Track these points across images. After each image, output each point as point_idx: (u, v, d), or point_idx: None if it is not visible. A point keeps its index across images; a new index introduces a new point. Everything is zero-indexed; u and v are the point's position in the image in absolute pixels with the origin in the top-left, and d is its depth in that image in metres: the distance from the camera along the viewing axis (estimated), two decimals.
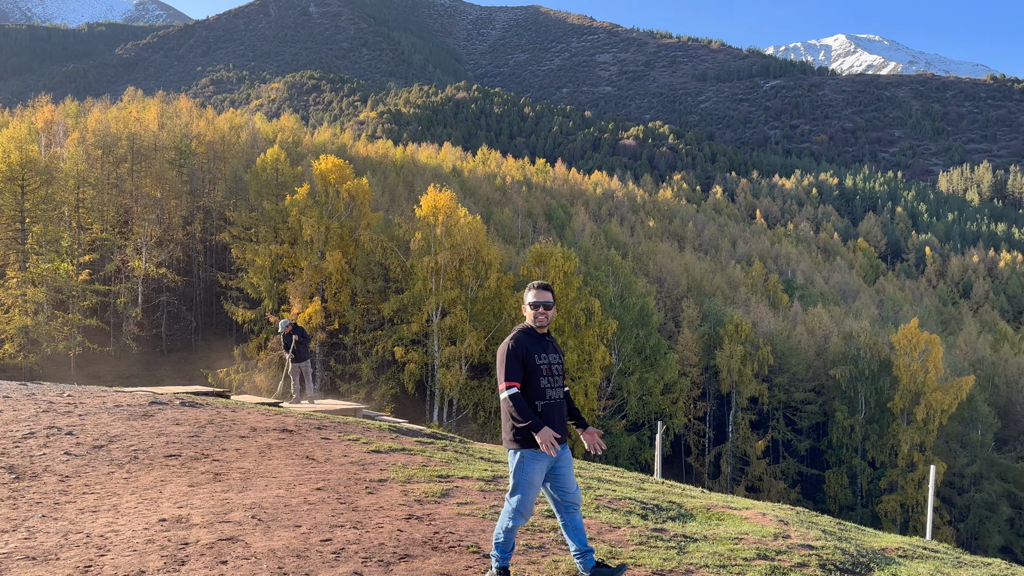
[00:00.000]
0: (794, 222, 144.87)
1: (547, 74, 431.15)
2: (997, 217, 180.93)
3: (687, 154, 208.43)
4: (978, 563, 7.13)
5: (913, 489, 47.75)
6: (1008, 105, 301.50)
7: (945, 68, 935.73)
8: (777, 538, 6.45)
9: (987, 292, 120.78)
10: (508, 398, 5.05)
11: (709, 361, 54.67)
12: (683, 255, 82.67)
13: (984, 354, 69.65)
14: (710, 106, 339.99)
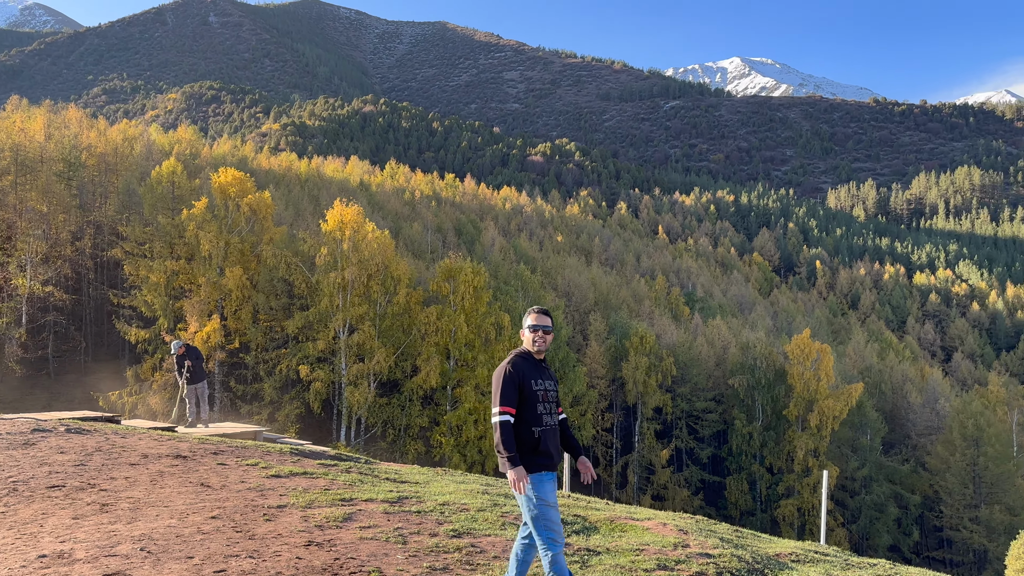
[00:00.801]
0: (694, 237, 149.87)
1: (455, 90, 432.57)
2: (881, 232, 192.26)
3: (593, 171, 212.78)
4: (864, 564, 7.48)
5: (809, 493, 49.86)
6: (890, 126, 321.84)
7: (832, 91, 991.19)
8: (677, 548, 6.59)
9: (873, 303, 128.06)
10: (498, 424, 4.98)
11: (616, 373, 55.68)
12: (590, 269, 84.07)
13: (871, 362, 73.62)
14: (614, 124, 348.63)
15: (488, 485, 10.61)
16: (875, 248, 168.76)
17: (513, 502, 8.77)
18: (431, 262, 61.30)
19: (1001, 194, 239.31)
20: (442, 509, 7.79)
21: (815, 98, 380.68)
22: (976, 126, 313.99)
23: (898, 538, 53.85)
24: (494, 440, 5.07)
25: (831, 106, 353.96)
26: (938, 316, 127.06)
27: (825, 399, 51.23)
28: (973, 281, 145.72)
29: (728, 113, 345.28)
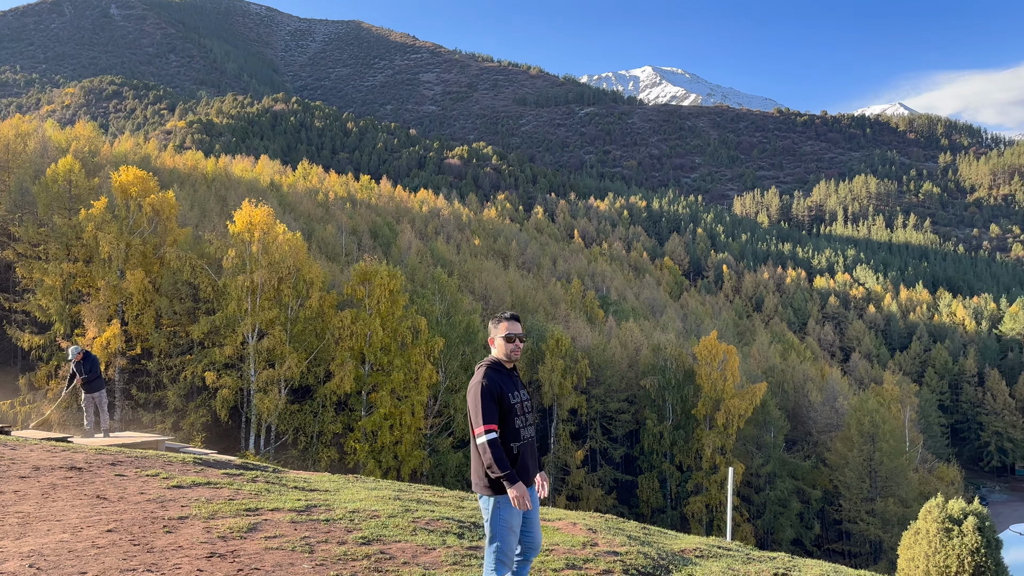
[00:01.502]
0: (608, 242, 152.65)
1: (370, 90, 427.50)
2: (784, 237, 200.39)
3: (510, 175, 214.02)
4: (765, 558, 7.78)
5: (716, 490, 51.46)
6: (792, 136, 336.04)
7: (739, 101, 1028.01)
8: (586, 546, 6.69)
9: (776, 306, 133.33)
10: (486, 444, 4.75)
11: (532, 375, 56.10)
12: (507, 273, 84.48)
13: (775, 362, 76.62)
14: (530, 129, 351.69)
15: (401, 491, 10.52)
16: (778, 253, 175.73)
17: (425, 507, 8.72)
18: (346, 265, 60.34)
19: (895, 202, 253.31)
20: (352, 516, 7.67)
21: (722, 108, 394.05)
22: (872, 137, 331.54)
23: (801, 532, 56.19)
24: (484, 462, 4.81)
25: (737, 116, 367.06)
26: (837, 318, 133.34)
27: (731, 398, 53.01)
28: (869, 285, 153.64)
29: (640, 121, 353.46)
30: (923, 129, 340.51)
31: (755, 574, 6.68)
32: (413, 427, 41.17)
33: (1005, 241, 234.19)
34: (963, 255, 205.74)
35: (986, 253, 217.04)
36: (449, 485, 41.55)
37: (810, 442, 65.05)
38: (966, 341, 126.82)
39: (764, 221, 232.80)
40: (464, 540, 6.90)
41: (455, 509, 8.86)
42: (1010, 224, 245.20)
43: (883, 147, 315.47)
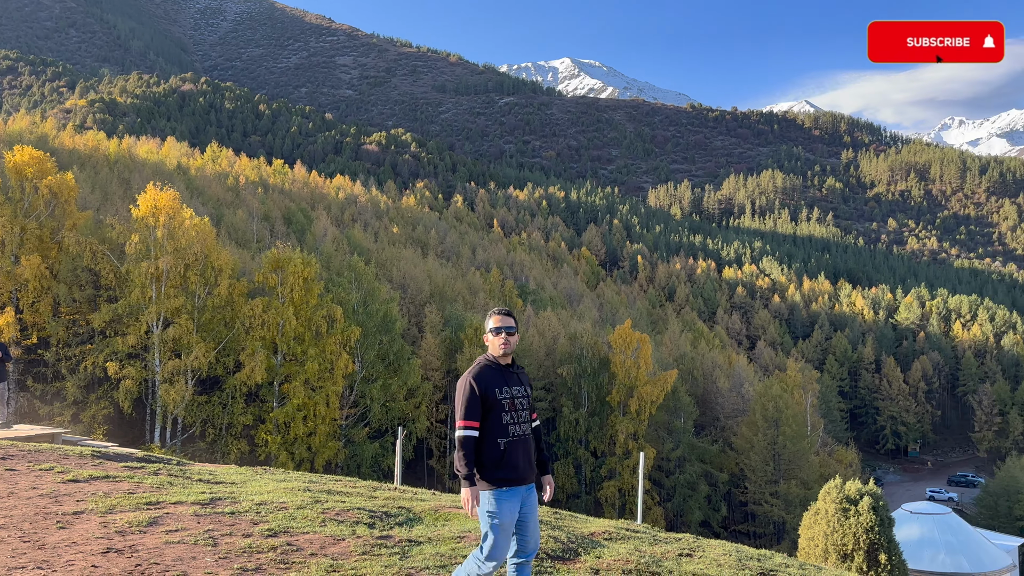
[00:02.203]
0: (527, 231, 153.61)
1: (284, 72, 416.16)
2: (695, 229, 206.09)
3: (429, 163, 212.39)
4: (671, 539, 8.01)
5: (629, 475, 52.70)
6: (704, 131, 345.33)
7: (654, 95, 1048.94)
8: None
9: (687, 296, 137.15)
10: (459, 439, 4.73)
11: (451, 364, 56.05)
12: (426, 261, 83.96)
13: (685, 350, 78.85)
14: (450, 117, 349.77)
15: (311, 482, 10.33)
16: (690, 244, 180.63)
17: (336, 498, 8.60)
18: (257, 252, 58.72)
19: (800, 196, 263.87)
20: (258, 509, 7.49)
21: (638, 101, 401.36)
22: (780, 133, 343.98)
23: (708, 513, 58.15)
24: (456, 455, 4.81)
25: (653, 110, 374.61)
26: (744, 307, 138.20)
27: (644, 385, 54.30)
28: (775, 275, 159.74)
29: (559, 112, 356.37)
30: (827, 126, 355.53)
31: (661, 555, 6.87)
32: (328, 418, 40.54)
33: (901, 235, 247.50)
34: (863, 248, 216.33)
35: (884, 246, 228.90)
36: (365, 476, 41.17)
37: (718, 427, 67.33)
38: (864, 330, 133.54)
39: (677, 213, 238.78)
40: (375, 530, 6.84)
41: (367, 499, 8.77)
42: (906, 219, 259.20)
43: (790, 143, 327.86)
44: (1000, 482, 75.65)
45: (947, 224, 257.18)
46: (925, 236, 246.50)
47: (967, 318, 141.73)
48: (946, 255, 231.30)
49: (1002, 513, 71.31)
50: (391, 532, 6.77)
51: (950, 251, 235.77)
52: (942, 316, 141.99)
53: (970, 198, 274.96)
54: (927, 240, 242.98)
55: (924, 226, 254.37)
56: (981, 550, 33.71)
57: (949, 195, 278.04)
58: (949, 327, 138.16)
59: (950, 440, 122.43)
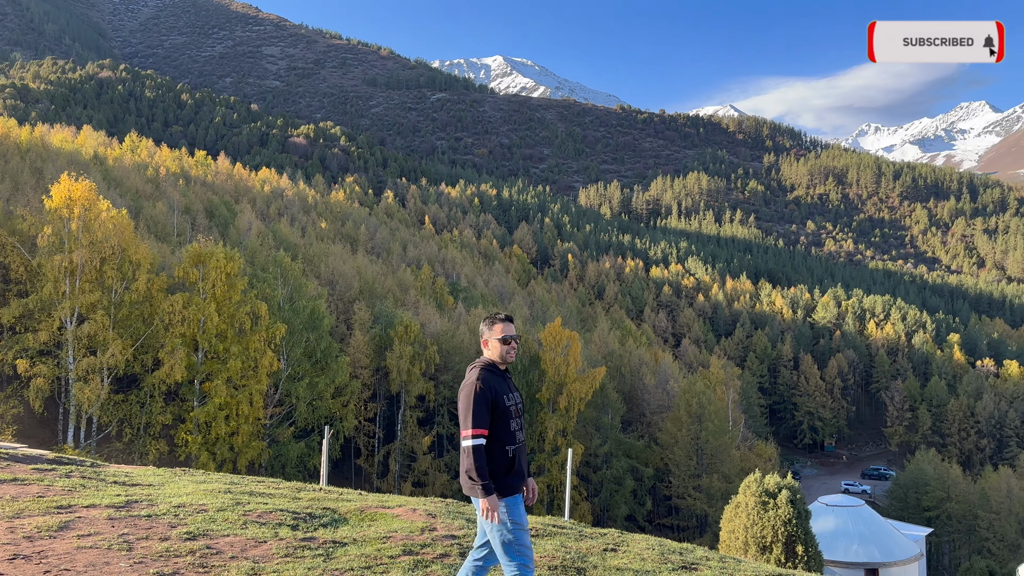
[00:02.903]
0: (459, 228, 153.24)
1: (208, 61, 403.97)
2: (624, 229, 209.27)
3: (359, 157, 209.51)
4: (596, 535, 8.12)
5: (557, 471, 53.20)
6: (633, 132, 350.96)
7: (585, 96, 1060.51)
8: (424, 532, 6.69)
9: (616, 294, 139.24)
10: (470, 449, 4.62)
11: (380, 362, 55.45)
12: (356, 258, 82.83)
13: (614, 347, 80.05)
14: (381, 112, 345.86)
15: (233, 484, 10.07)
16: (619, 244, 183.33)
17: (259, 499, 8.40)
18: (178, 246, 56.89)
19: (724, 198, 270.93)
20: (176, 512, 7.25)
21: (569, 101, 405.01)
22: (705, 136, 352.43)
23: (634, 508, 59.20)
24: (463, 466, 4.68)
25: (583, 110, 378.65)
26: (670, 306, 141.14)
27: (573, 382, 54.90)
28: (699, 275, 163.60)
29: (491, 110, 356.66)
30: (750, 131, 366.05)
31: (587, 550, 6.95)
32: (251, 417, 39.59)
33: (819, 236, 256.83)
34: (783, 249, 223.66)
35: (803, 247, 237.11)
36: (290, 476, 40.39)
37: (644, 423, 68.61)
38: (784, 328, 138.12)
39: (607, 213, 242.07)
40: (298, 532, 6.71)
41: (291, 500, 8.60)
42: (824, 221, 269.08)
43: (715, 146, 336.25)
44: (910, 475, 79.46)
45: (863, 227, 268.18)
46: (842, 238, 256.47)
47: (880, 317, 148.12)
48: (861, 257, 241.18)
49: (911, 504, 74.93)
50: (315, 534, 6.65)
51: (865, 253, 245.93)
52: (857, 315, 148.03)
53: (884, 202, 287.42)
54: (844, 242, 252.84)
55: (841, 228, 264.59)
56: (892, 540, 35.29)
57: (865, 199, 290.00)
58: (864, 326, 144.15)
59: (864, 435, 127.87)
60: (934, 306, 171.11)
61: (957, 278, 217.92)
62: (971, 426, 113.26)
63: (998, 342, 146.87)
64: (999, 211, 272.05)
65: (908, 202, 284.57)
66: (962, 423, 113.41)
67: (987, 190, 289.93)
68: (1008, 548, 64.15)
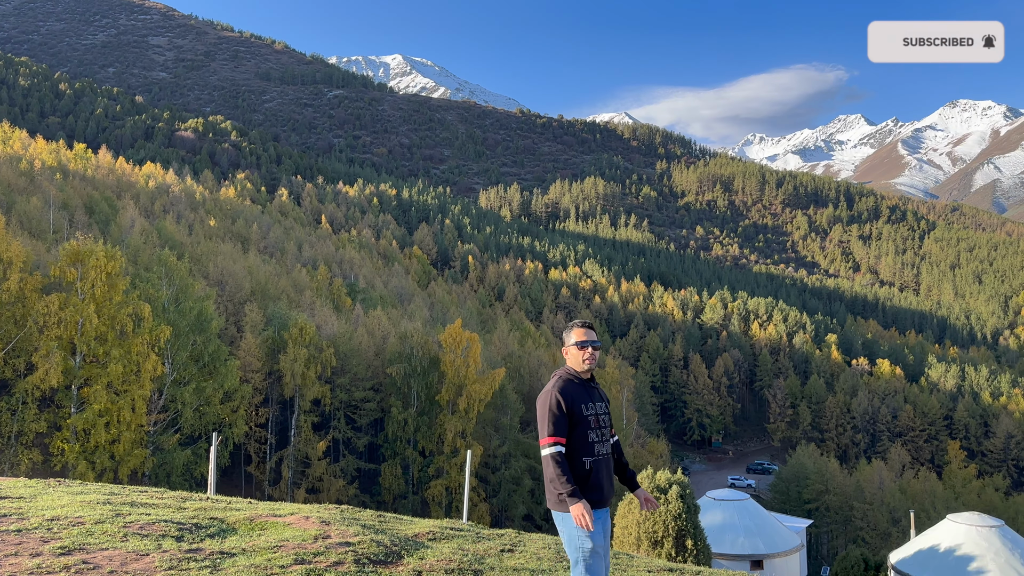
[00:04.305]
0: (357, 229, 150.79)
1: (89, 50, 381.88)
2: (524, 231, 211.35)
3: (252, 153, 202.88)
4: (494, 536, 8.15)
5: (456, 473, 53.13)
6: (533, 136, 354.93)
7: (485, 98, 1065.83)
8: (317, 540, 6.53)
9: (516, 295, 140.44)
10: (549, 457, 4.51)
11: (273, 366, 53.84)
12: (247, 257, 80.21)
13: (513, 348, 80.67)
14: (275, 107, 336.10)
15: (113, 494, 9.53)
16: (519, 246, 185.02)
17: (141, 510, 7.98)
18: (54, 244, 53.51)
19: (619, 203, 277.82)
20: (50, 525, 6.79)
21: (470, 103, 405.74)
22: (602, 142, 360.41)
23: (531, 507, 59.81)
24: (546, 476, 4.57)
25: (484, 112, 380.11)
26: (568, 307, 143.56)
27: (473, 383, 54.98)
28: (596, 277, 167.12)
29: (391, 109, 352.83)
30: (644, 138, 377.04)
31: (483, 552, 6.96)
32: (134, 424, 37.66)
33: (708, 241, 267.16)
34: (674, 252, 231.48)
35: (692, 251, 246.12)
36: (175, 485, 38.66)
37: None
38: (675, 329, 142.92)
39: (507, 215, 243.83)
40: (183, 543, 6.41)
41: (175, 511, 8.21)
42: (712, 226, 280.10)
43: (610, 152, 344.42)
44: (791, 469, 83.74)
45: (747, 232, 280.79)
46: (728, 243, 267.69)
47: (764, 319, 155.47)
48: (746, 261, 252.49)
49: (792, 497, 78.98)
50: (201, 545, 6.37)
51: (750, 257, 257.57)
52: (742, 317, 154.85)
53: (768, 209, 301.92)
54: (730, 247, 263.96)
55: (728, 234, 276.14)
56: (775, 532, 37.05)
57: (750, 205, 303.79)
58: (748, 327, 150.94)
59: (749, 431, 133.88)
60: (813, 308, 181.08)
61: (834, 281, 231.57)
62: (847, 422, 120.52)
63: (872, 342, 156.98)
64: (873, 218, 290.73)
65: (790, 209, 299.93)
66: (839, 419, 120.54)
67: (862, 198, 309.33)
68: (880, 536, 68.60)
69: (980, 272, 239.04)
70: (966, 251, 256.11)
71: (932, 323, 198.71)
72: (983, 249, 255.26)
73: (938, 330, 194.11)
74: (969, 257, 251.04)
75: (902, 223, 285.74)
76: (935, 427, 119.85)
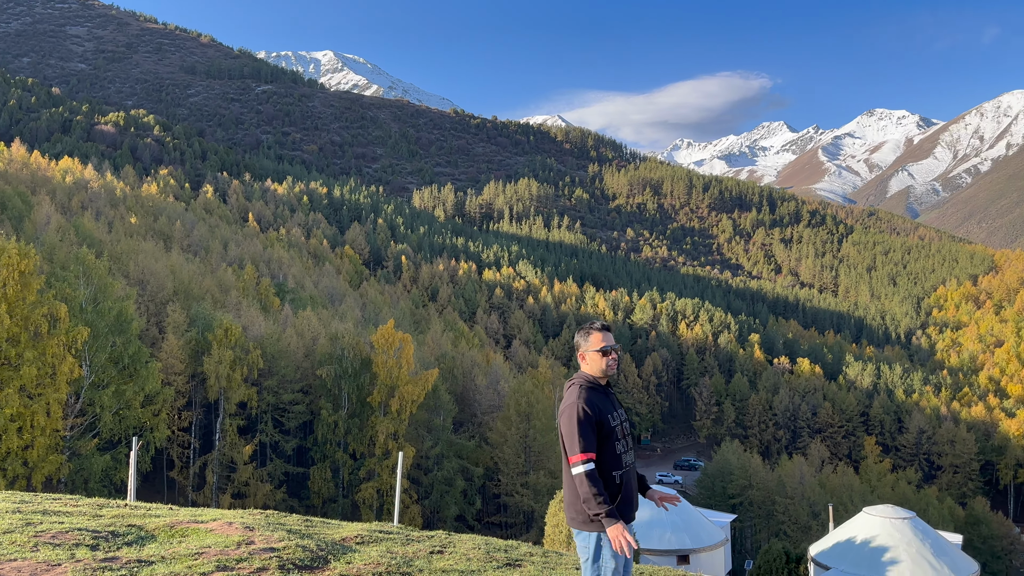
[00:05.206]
0: (286, 227, 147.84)
1: (2, 38, 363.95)
2: (458, 232, 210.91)
3: (176, 148, 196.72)
4: (423, 538, 8.10)
5: (388, 475, 52.65)
6: (467, 137, 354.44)
7: (418, 97, 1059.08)
8: (240, 546, 6.37)
9: (450, 296, 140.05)
10: (583, 476, 4.20)
11: (197, 368, 52.34)
12: (170, 256, 77.80)
13: (447, 349, 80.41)
14: (200, 101, 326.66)
15: (24, 503, 9.10)
16: (453, 246, 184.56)
17: (53, 519, 7.64)
18: None
19: (552, 204, 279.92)
20: None
21: (403, 102, 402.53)
22: (535, 144, 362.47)
23: (464, 508, 59.74)
24: (574, 497, 4.28)
25: (417, 112, 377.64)
26: (502, 308, 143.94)
27: (405, 385, 54.57)
28: (529, 278, 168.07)
29: (322, 105, 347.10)
30: (577, 141, 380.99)
31: (412, 554, 6.92)
32: (49, 429, 36.07)
33: (638, 243, 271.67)
34: (605, 254, 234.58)
35: (623, 253, 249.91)
36: (93, 492, 37.22)
37: (475, 423, 69.45)
38: None
39: (441, 215, 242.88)
40: (99, 552, 6.17)
41: (91, 518, 7.90)
42: (642, 229, 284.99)
43: (544, 154, 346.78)
44: (716, 465, 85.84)
45: (676, 235, 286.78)
46: (658, 245, 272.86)
47: (691, 319, 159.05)
48: (675, 262, 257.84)
49: (718, 493, 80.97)
50: (118, 553, 6.15)
51: (678, 259, 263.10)
52: (670, 317, 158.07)
53: (695, 212, 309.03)
54: (659, 248, 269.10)
55: (657, 236, 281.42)
56: (701, 527, 37.92)
57: (678, 209, 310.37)
58: (676, 327, 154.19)
59: (676, 428, 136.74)
60: (737, 309, 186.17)
61: (757, 283, 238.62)
62: (769, 418, 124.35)
63: (792, 342, 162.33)
64: (794, 222, 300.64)
65: (716, 213, 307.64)
66: (762, 416, 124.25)
67: (784, 203, 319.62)
68: (801, 530, 70.94)
69: (895, 274, 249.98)
70: (882, 254, 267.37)
71: (849, 323, 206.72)
72: (897, 252, 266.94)
73: (855, 330, 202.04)
74: (884, 260, 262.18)
75: (821, 227, 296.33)
76: (852, 423, 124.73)
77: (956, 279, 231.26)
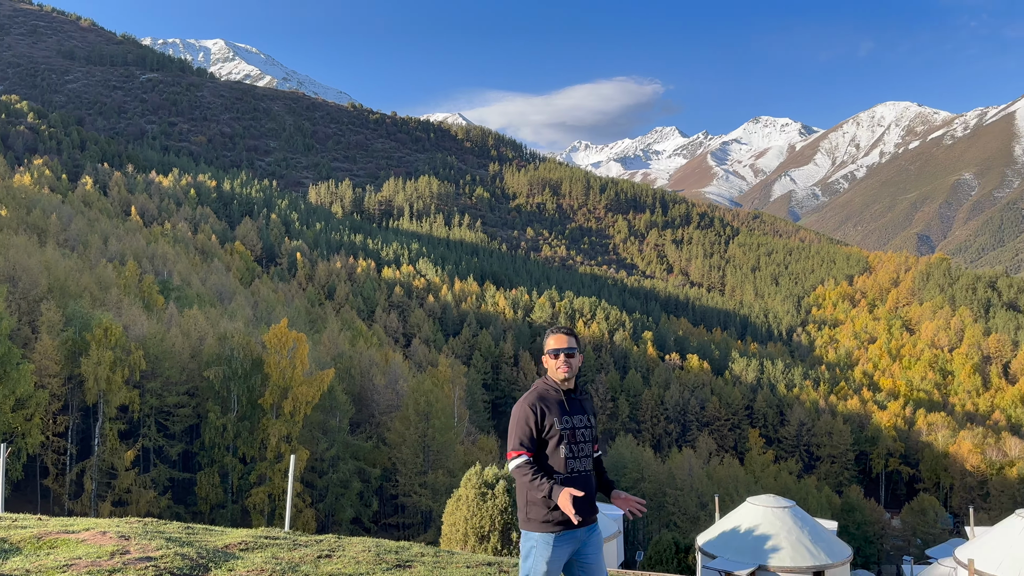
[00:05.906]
0: (172, 222, 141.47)
1: None
2: (356, 229, 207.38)
3: (52, 137, 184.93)
4: (311, 542, 7.96)
5: (280, 479, 51.25)
6: (365, 132, 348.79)
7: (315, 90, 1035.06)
8: (114, 556, 6.09)
9: (348, 294, 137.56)
10: (516, 468, 4.26)
11: (73, 370, 49.42)
12: (44, 251, 73.17)
13: (344, 349, 79.00)
14: (79, 88, 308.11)
15: None
16: (351, 244, 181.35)
17: None
18: None
19: (453, 202, 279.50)
20: None
21: (299, 94, 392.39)
22: (436, 141, 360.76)
23: (360, 510, 58.90)
24: (519, 490, 4.35)
25: (313, 104, 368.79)
26: (402, 306, 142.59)
27: (299, 386, 53.29)
28: (430, 276, 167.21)
29: (211, 96, 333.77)
30: (477, 139, 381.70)
31: (299, 559, 6.78)
32: None
33: (537, 242, 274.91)
34: (505, 253, 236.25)
35: (523, 252, 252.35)
36: None
37: (373, 423, 68.58)
38: (506, 327, 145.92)
39: (338, 212, 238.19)
40: None
41: None
42: (541, 228, 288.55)
43: (444, 152, 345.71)
44: (611, 459, 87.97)
45: (574, 235, 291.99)
46: (557, 244, 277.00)
47: (588, 317, 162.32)
48: (573, 262, 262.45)
49: None
50: None
51: (576, 258, 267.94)
52: (569, 315, 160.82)
53: (592, 213, 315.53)
54: (558, 248, 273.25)
55: (556, 235, 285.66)
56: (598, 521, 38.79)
57: (576, 209, 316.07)
58: (574, 325, 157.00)
59: None
60: (632, 307, 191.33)
61: (651, 282, 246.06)
62: (661, 413, 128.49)
63: (683, 339, 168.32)
64: (685, 224, 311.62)
65: (612, 213, 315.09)
66: (654, 410, 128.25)
67: (675, 205, 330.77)
68: (690, 521, 73.65)
69: (777, 275, 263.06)
70: (765, 255, 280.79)
71: (736, 321, 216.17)
72: (780, 254, 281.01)
73: (741, 327, 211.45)
74: (768, 261, 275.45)
75: (710, 229, 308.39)
76: (738, 416, 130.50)
77: (834, 279, 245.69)
